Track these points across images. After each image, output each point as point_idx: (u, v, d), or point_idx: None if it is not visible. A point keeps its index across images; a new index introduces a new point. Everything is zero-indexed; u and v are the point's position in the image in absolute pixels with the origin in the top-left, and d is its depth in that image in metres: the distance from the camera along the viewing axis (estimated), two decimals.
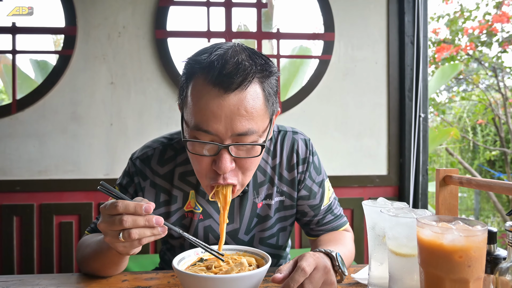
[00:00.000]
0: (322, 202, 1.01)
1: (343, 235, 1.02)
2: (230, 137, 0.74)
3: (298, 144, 0.98)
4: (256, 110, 0.75)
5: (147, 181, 0.94)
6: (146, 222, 0.66)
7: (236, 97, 0.72)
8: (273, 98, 0.82)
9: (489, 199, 5.16)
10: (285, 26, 3.54)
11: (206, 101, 0.72)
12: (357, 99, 2.16)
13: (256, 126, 0.75)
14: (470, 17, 4.71)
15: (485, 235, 0.56)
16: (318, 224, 1.03)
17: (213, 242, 0.97)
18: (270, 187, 0.96)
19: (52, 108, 2.00)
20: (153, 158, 0.95)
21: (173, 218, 0.95)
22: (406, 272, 0.69)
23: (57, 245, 1.99)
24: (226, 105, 0.72)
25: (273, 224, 0.99)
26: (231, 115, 0.72)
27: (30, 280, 0.89)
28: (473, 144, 5.98)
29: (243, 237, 0.98)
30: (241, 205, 0.95)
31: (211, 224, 0.95)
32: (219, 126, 0.72)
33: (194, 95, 0.74)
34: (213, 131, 0.73)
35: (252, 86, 0.74)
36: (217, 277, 0.68)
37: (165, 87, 2.06)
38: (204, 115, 0.73)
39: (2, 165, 1.98)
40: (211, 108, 0.72)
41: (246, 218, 0.95)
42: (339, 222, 1.05)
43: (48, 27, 2.05)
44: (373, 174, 2.16)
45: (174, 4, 2.05)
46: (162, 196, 0.94)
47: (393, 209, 0.74)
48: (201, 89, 0.73)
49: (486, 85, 5.26)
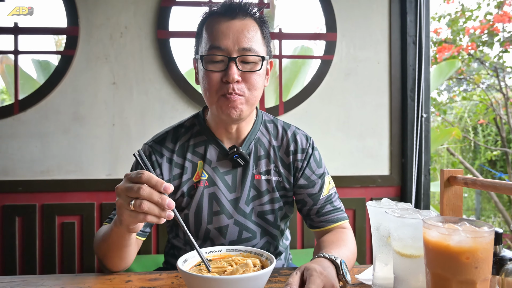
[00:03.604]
0: (321, 192, 1.07)
1: (345, 235, 1.04)
2: (237, 51, 0.92)
3: (299, 136, 1.09)
4: (256, 37, 0.95)
5: (164, 157, 1.03)
6: (159, 199, 0.69)
7: (240, 23, 0.94)
8: (268, 40, 1.00)
9: (490, 199, 5.16)
10: (287, 26, 3.54)
11: (218, 26, 0.93)
12: (359, 99, 2.16)
13: (256, 48, 0.94)
14: (471, 17, 4.70)
15: (492, 236, 0.56)
16: (318, 214, 1.07)
17: (216, 209, 1.03)
18: (268, 163, 1.05)
19: (54, 109, 2.00)
20: (167, 138, 1.06)
21: (184, 188, 1.03)
22: (411, 273, 0.69)
23: (59, 246, 1.99)
24: (233, 26, 0.93)
25: (270, 200, 1.06)
26: (237, 34, 0.92)
27: (34, 280, 0.89)
28: (474, 144, 5.98)
29: (243, 207, 1.04)
30: (243, 175, 1.04)
31: (215, 191, 1.03)
32: (228, 41, 0.92)
33: (208, 27, 0.95)
34: (223, 46, 0.92)
35: (251, 20, 0.96)
36: (222, 278, 0.68)
37: (167, 87, 2.06)
38: (216, 35, 0.93)
39: (4, 166, 1.98)
40: (221, 29, 0.93)
41: (246, 189, 1.03)
42: (339, 215, 1.08)
43: (50, 28, 2.05)
44: (375, 174, 2.16)
45: (176, 4, 2.05)
46: (175, 170, 1.03)
47: (398, 210, 0.74)
48: (213, 20, 0.95)
49: (487, 85, 5.25)
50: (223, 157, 1.03)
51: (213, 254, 0.85)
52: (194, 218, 1.03)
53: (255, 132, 1.06)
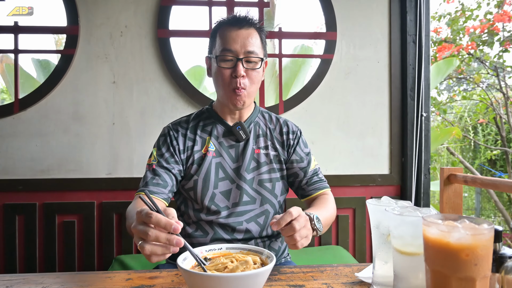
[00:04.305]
0: (309, 166, 1.32)
1: (327, 200, 1.28)
2: (243, 53, 1.18)
3: (289, 123, 1.36)
4: (257, 43, 1.21)
5: (179, 132, 1.28)
6: (166, 240, 0.73)
7: (246, 32, 1.19)
8: (265, 45, 1.26)
9: (490, 198, 5.15)
10: (287, 25, 3.54)
11: (229, 33, 1.19)
12: (359, 98, 2.16)
13: (257, 51, 1.20)
14: (471, 16, 4.70)
15: (492, 233, 0.56)
16: (307, 184, 1.31)
17: (222, 176, 1.23)
18: (266, 140, 1.29)
19: (54, 108, 2.00)
20: (181, 121, 1.32)
21: (195, 157, 1.24)
22: (411, 271, 0.69)
23: (60, 245, 2.00)
24: (240, 34, 1.19)
25: (268, 171, 1.26)
26: (243, 40, 1.18)
27: (34, 279, 0.89)
28: (474, 143, 5.97)
29: (245, 174, 1.24)
30: (244, 148, 1.26)
31: (221, 161, 1.24)
32: (236, 46, 1.17)
33: (221, 33, 1.21)
34: (233, 49, 1.17)
35: (253, 30, 1.21)
36: (222, 275, 0.68)
37: (167, 86, 2.06)
38: (228, 40, 1.18)
39: (4, 165, 1.98)
40: (232, 36, 1.19)
41: (246, 159, 1.25)
42: (324, 184, 1.34)
43: (50, 27, 2.05)
44: (375, 173, 2.16)
45: (176, 3, 2.05)
46: (188, 142, 1.26)
47: (398, 207, 0.74)
48: (225, 28, 1.20)
49: (487, 85, 5.25)
50: (228, 134, 1.27)
51: (213, 252, 0.85)
52: (202, 183, 1.21)
53: (254, 117, 1.31)
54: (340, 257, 1.88)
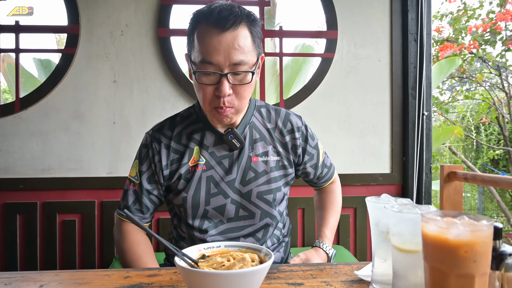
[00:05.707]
0: (318, 160, 1.24)
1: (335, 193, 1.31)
2: (228, 67, 0.94)
3: (292, 116, 1.18)
4: (247, 46, 0.95)
5: (162, 144, 1.11)
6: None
7: (231, 35, 0.93)
8: (258, 41, 1.01)
9: (493, 198, 5.13)
10: (287, 24, 3.54)
11: (209, 39, 0.93)
12: (360, 97, 2.15)
13: (247, 59, 0.96)
14: (473, 16, 4.68)
15: (491, 230, 0.55)
16: (318, 178, 1.29)
17: (214, 191, 1.09)
18: (265, 145, 1.12)
19: (55, 107, 2.01)
20: (164, 126, 1.14)
21: (181, 171, 1.09)
22: (410, 268, 0.69)
23: (60, 243, 2.00)
24: (224, 40, 0.93)
25: (268, 181, 1.11)
26: (228, 49, 0.93)
27: (33, 276, 0.89)
28: (477, 143, 5.95)
29: (239, 187, 1.10)
30: (239, 157, 1.10)
31: (212, 174, 1.09)
32: (219, 57, 0.93)
33: (200, 37, 0.96)
34: (215, 62, 0.93)
35: (242, 28, 0.95)
36: (220, 272, 0.67)
37: (168, 85, 2.06)
38: (208, 49, 0.93)
39: (5, 164, 1.98)
40: (213, 43, 0.93)
41: (241, 169, 1.10)
42: (331, 171, 1.32)
43: (51, 26, 2.05)
44: (376, 173, 2.15)
45: (177, 2, 2.05)
46: (173, 155, 1.10)
47: (397, 205, 0.74)
48: (204, 31, 0.95)
49: (490, 84, 5.23)
50: (220, 142, 1.10)
51: (211, 250, 0.85)
52: (192, 201, 1.08)
53: (248, 117, 1.13)
54: (341, 256, 1.87)
